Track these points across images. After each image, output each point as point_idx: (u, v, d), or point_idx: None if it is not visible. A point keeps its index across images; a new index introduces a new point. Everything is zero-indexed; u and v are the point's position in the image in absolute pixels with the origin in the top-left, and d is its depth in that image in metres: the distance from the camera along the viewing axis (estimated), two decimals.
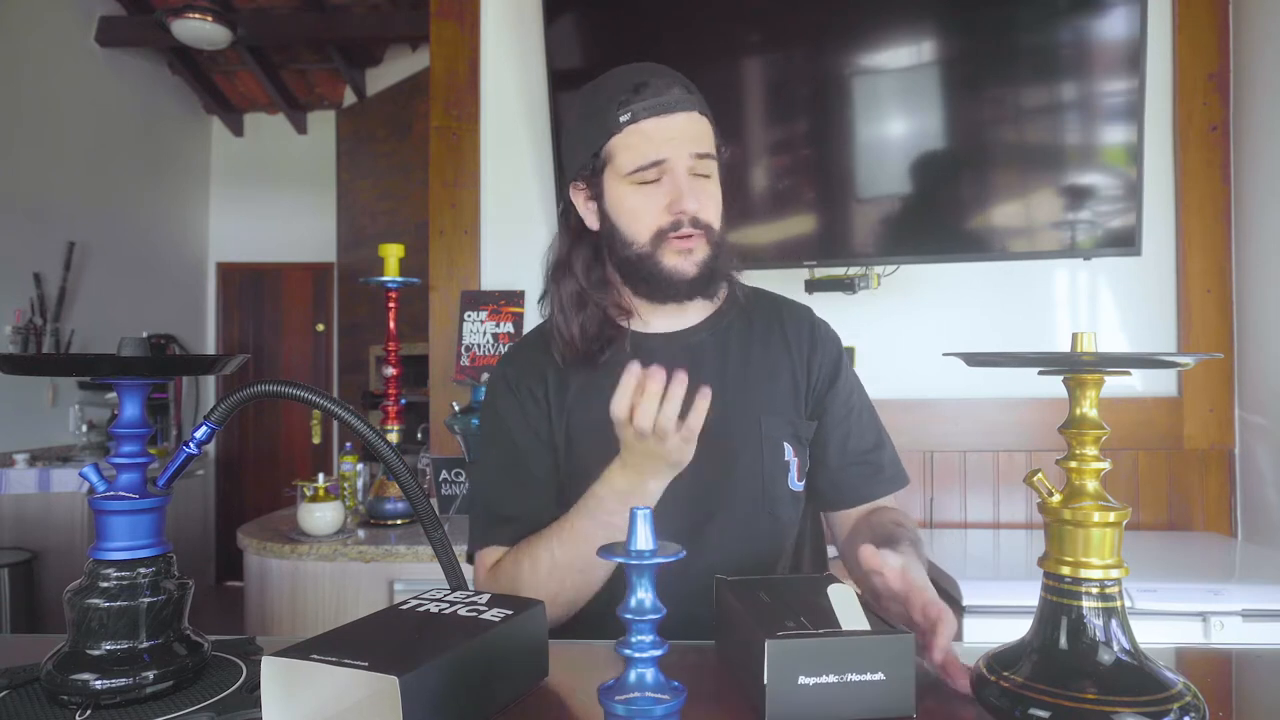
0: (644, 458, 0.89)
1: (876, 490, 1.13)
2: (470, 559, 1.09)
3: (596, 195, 1.05)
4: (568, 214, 1.11)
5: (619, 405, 0.85)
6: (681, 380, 0.83)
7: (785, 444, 1.07)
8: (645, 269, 1.03)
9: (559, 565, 0.97)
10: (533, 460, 1.08)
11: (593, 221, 1.07)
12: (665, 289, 1.04)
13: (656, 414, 0.83)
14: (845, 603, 0.72)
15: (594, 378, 1.06)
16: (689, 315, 1.11)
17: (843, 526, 1.14)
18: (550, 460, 1.08)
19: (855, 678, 0.65)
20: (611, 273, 1.09)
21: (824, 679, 0.65)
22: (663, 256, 1.02)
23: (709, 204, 1.03)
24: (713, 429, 0.91)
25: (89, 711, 0.67)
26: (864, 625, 0.69)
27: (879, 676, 0.66)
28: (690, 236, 1.01)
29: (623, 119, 0.99)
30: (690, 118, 1.01)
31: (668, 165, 1.00)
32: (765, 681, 0.65)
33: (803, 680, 0.65)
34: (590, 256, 1.08)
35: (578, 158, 1.05)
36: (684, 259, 1.02)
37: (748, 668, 0.69)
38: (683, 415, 0.85)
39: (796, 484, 1.09)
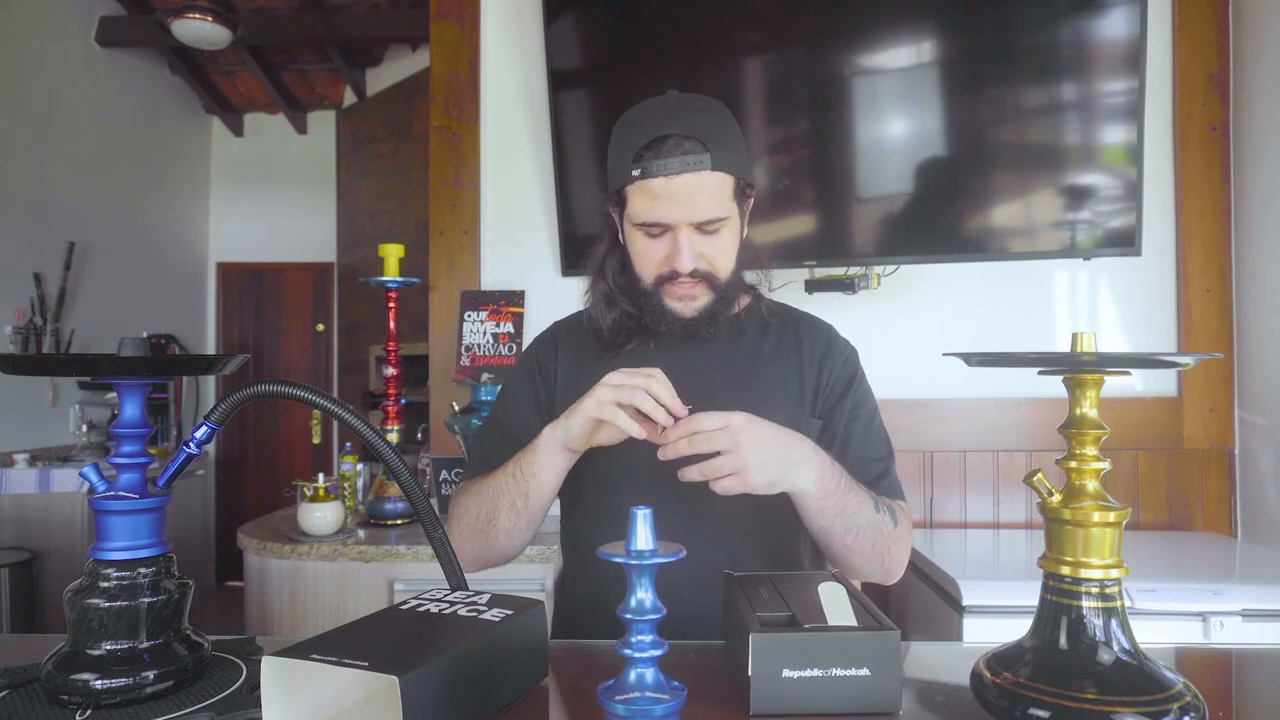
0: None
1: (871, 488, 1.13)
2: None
3: (620, 223, 1.10)
4: (610, 218, 1.14)
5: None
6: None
7: None
8: (649, 304, 1.08)
9: (481, 490, 1.07)
10: (514, 427, 1.14)
11: (622, 239, 1.11)
12: (663, 325, 1.08)
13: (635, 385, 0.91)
14: (835, 599, 0.73)
15: (607, 365, 1.09)
16: None
17: None
18: (537, 427, 1.12)
19: (840, 672, 0.66)
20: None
21: (808, 672, 0.66)
22: (664, 297, 1.08)
23: (715, 257, 1.05)
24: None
25: (89, 711, 0.67)
26: (851, 621, 0.70)
27: (864, 672, 0.66)
28: (690, 284, 1.05)
29: (634, 173, 1.01)
30: (698, 179, 1.00)
31: (669, 227, 1.02)
32: (750, 673, 0.66)
33: (787, 673, 0.66)
34: (618, 266, 1.13)
35: (610, 182, 1.08)
36: (684, 304, 1.07)
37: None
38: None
39: None
